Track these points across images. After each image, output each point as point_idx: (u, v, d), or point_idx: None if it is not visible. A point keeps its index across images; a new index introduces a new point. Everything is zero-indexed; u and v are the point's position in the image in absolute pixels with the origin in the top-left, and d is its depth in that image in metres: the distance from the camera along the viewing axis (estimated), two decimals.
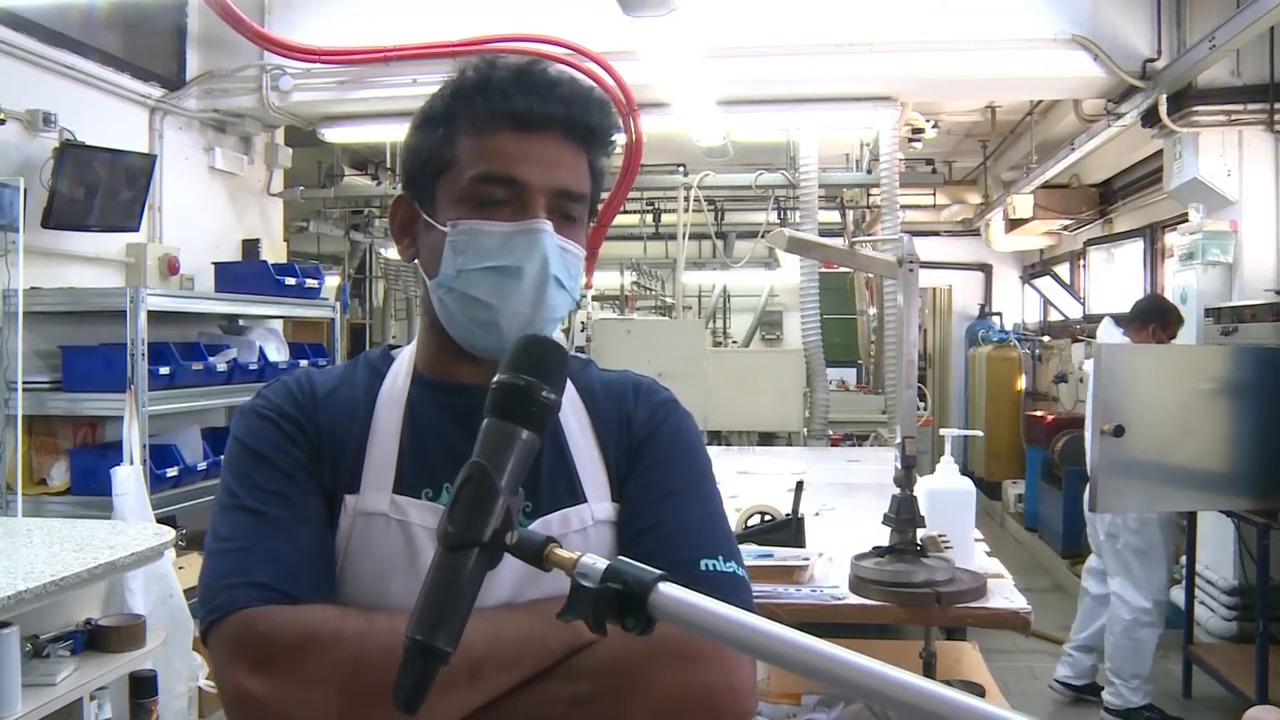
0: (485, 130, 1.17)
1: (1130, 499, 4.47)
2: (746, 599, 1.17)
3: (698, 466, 1.27)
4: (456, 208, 1.17)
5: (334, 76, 5.69)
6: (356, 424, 1.19)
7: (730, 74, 5.37)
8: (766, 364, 7.14)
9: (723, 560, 1.17)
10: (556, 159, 1.18)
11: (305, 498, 1.15)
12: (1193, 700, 4.89)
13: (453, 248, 1.17)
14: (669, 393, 1.33)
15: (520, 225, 1.15)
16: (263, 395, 1.22)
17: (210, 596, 1.09)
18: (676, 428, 1.27)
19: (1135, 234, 8.00)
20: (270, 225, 6.58)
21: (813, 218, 6.33)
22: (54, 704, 2.63)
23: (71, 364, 4.52)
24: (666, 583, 0.80)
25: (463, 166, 1.17)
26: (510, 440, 0.88)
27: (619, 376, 1.32)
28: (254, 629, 1.05)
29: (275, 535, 1.11)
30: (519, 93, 1.17)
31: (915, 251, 2.71)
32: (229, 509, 1.14)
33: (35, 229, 4.48)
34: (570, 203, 1.19)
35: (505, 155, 1.16)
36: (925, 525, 2.71)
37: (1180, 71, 4.91)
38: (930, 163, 8.79)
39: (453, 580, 0.83)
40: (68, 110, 4.69)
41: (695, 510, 1.21)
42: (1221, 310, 5.03)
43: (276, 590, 1.07)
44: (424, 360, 1.25)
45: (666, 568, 1.09)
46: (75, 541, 2.84)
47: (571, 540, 1.16)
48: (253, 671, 1.03)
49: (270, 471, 1.15)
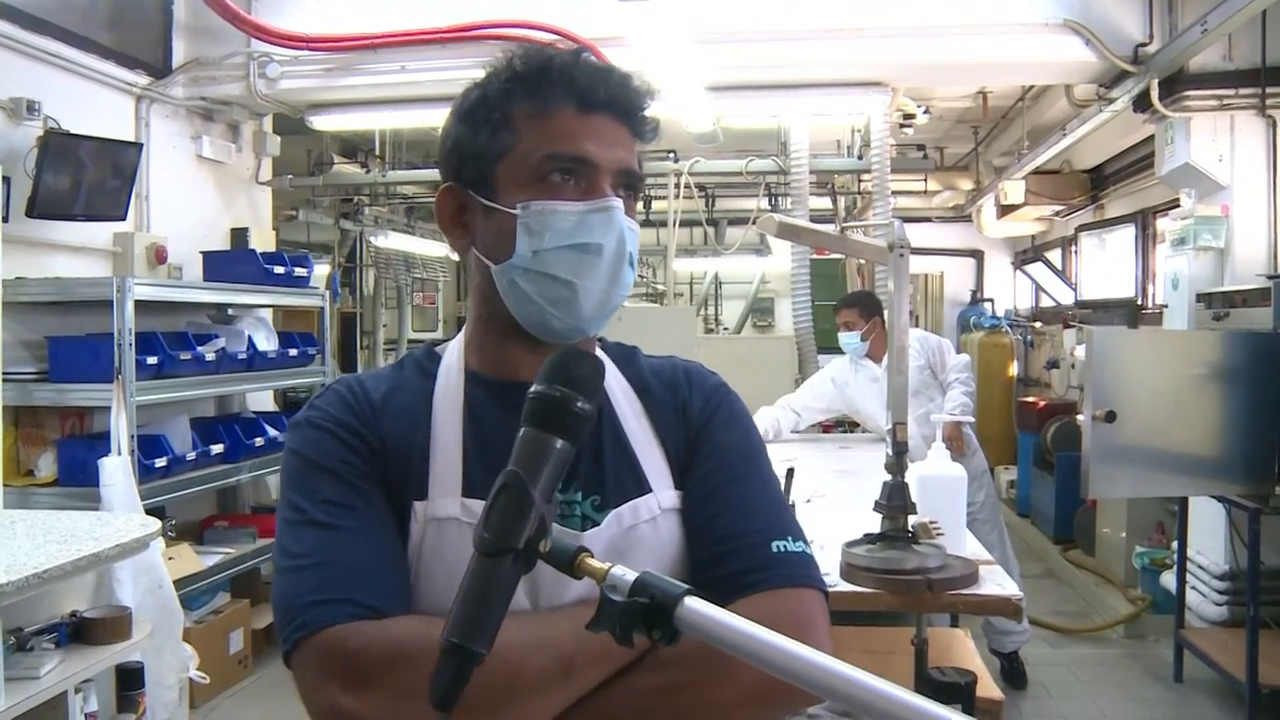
0: (550, 112, 1.17)
1: (1122, 484, 4.47)
2: (818, 576, 1.21)
3: (754, 449, 1.30)
4: (523, 190, 1.17)
5: (322, 64, 5.65)
6: (417, 429, 1.19)
7: (720, 59, 5.34)
8: (758, 351, 7.13)
9: (792, 540, 1.20)
10: (619, 140, 1.19)
11: (373, 508, 1.14)
12: (1184, 684, 4.90)
13: (526, 229, 1.17)
14: (718, 376, 1.35)
15: (595, 203, 1.17)
16: (316, 406, 1.22)
17: (292, 615, 1.08)
18: (731, 412, 1.30)
19: (1127, 219, 7.99)
20: (259, 214, 6.54)
21: (804, 204, 6.30)
22: (38, 697, 2.61)
23: (58, 354, 4.50)
24: (693, 597, 0.82)
25: (527, 149, 1.17)
26: (546, 450, 0.90)
27: (667, 364, 1.34)
28: (345, 646, 1.04)
29: (349, 548, 1.11)
30: (578, 75, 1.18)
31: (906, 237, 2.69)
32: (297, 525, 1.13)
33: (20, 218, 4.44)
34: (634, 181, 1.22)
35: (573, 135, 1.17)
36: (916, 512, 2.71)
37: (1172, 56, 4.89)
38: (921, 148, 8.77)
39: (488, 585, 0.86)
40: (52, 98, 4.64)
41: (757, 493, 1.24)
42: (1213, 295, 5.02)
43: (361, 605, 1.07)
44: (477, 357, 1.26)
45: (740, 551, 1.16)
46: (59, 533, 2.81)
47: (641, 531, 1.19)
48: (346, 689, 1.03)
49: (335, 483, 1.14)
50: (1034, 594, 5.53)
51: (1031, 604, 5.41)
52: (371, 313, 10.43)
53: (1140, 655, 5.37)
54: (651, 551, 1.19)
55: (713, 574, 1.16)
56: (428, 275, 11.52)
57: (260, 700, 4.89)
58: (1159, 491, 5.14)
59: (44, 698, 2.65)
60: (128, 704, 3.44)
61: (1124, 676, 5.08)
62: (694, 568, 1.20)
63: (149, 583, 4.01)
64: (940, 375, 5.13)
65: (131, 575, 3.89)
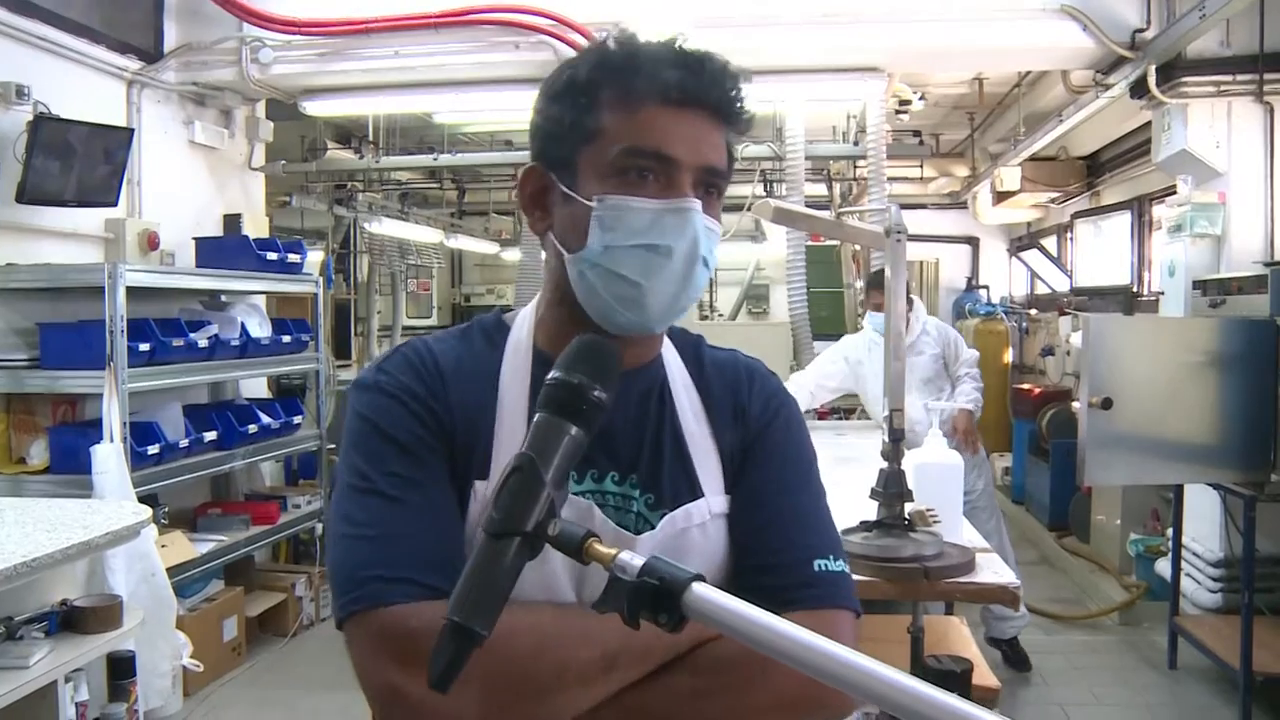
0: (635, 104, 1.14)
1: (1118, 472, 4.47)
2: (854, 598, 1.22)
3: (807, 461, 1.29)
4: (602, 182, 1.15)
5: (314, 48, 5.61)
6: (484, 405, 1.19)
7: (716, 45, 5.24)
8: (753, 337, 7.11)
9: (833, 559, 1.20)
10: (704, 136, 1.16)
11: (439, 485, 1.14)
12: (1178, 671, 4.91)
13: (600, 223, 1.15)
14: (778, 380, 1.34)
15: (671, 203, 1.14)
16: (385, 370, 1.20)
17: (352, 585, 1.08)
18: (789, 421, 1.30)
19: (1123, 206, 7.98)
20: (252, 200, 6.50)
21: (799, 190, 6.29)
22: (28, 686, 2.59)
23: (50, 341, 4.47)
24: (700, 583, 0.83)
25: (610, 139, 1.14)
26: (560, 435, 0.91)
27: (730, 358, 1.33)
28: (406, 625, 1.05)
29: (413, 525, 1.11)
30: (670, 68, 1.15)
31: (903, 222, 2.68)
32: (362, 492, 1.13)
33: (10, 204, 4.42)
34: (715, 180, 1.18)
35: (657, 130, 1.14)
36: (913, 499, 2.70)
37: (1170, 42, 4.86)
38: (917, 135, 8.74)
39: (493, 567, 0.86)
40: (43, 83, 4.61)
41: (807, 507, 1.25)
42: (1209, 282, 5.01)
43: (422, 585, 1.07)
44: (546, 336, 1.24)
45: (782, 567, 1.18)
46: (49, 521, 2.79)
47: (693, 535, 1.20)
48: (404, 669, 1.03)
49: (404, 456, 1.14)
50: (1029, 581, 5.50)
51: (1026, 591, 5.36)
52: (366, 299, 10.41)
53: (1135, 642, 5.38)
54: (701, 555, 1.19)
55: (754, 584, 1.16)
56: (422, 262, 11.49)
57: (254, 688, 4.88)
58: (1154, 479, 5.14)
59: (34, 687, 2.63)
60: (119, 693, 3.42)
61: (1118, 663, 5.08)
62: (737, 574, 1.21)
63: (142, 571, 3.99)
64: (951, 367, 5.15)
65: (124, 563, 3.87)
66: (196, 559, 4.80)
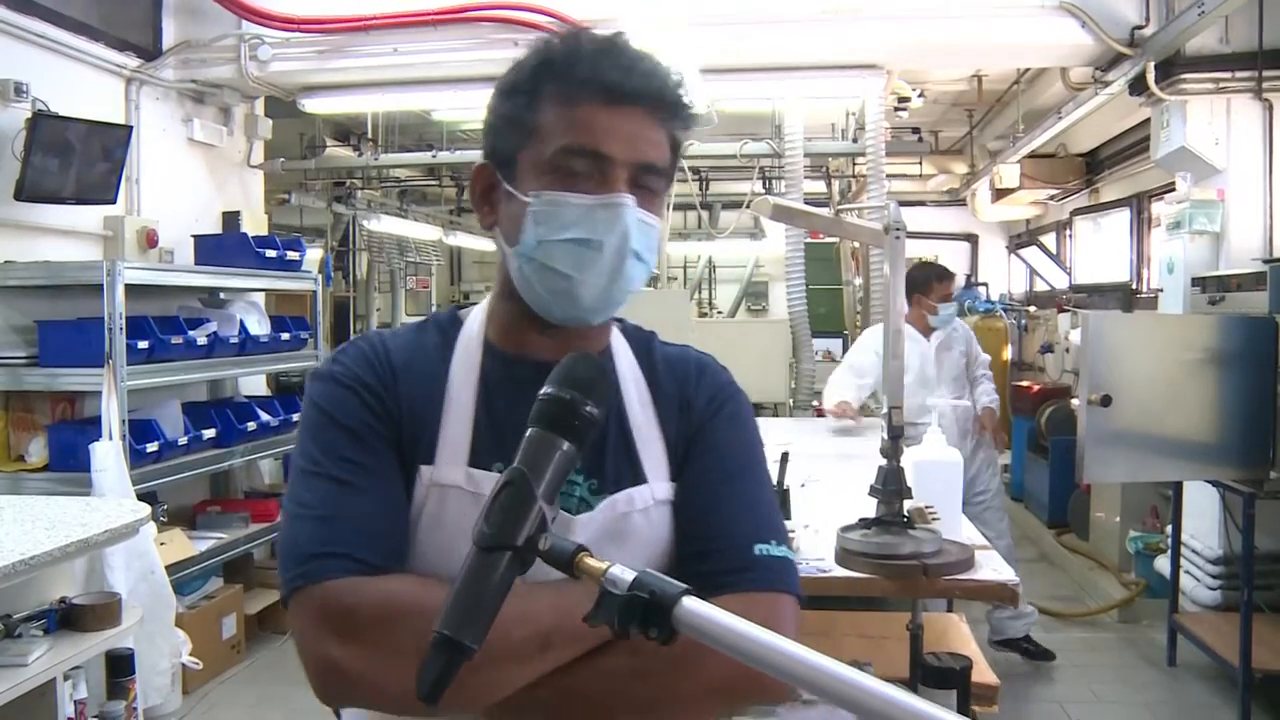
0: (572, 102, 1.17)
1: (1117, 469, 4.47)
2: (795, 582, 1.23)
3: (753, 451, 1.31)
4: (539, 179, 1.18)
5: (313, 46, 5.60)
6: (433, 396, 1.23)
7: (714, 42, 5.31)
8: (752, 335, 7.12)
9: (775, 544, 1.22)
10: (641, 133, 1.19)
11: (385, 469, 1.18)
12: (1177, 668, 4.91)
13: (534, 218, 1.18)
14: (729, 374, 1.37)
15: (602, 198, 1.17)
16: (340, 362, 1.25)
17: (295, 563, 1.13)
18: (735, 412, 1.32)
19: (1122, 203, 7.98)
20: (251, 197, 6.50)
21: (798, 187, 6.28)
22: (26, 684, 2.58)
23: (48, 339, 4.46)
24: (691, 597, 0.83)
25: (547, 137, 1.18)
26: (551, 450, 0.93)
27: (680, 353, 1.36)
28: (341, 601, 1.09)
29: (359, 506, 1.15)
30: (607, 66, 1.17)
31: (902, 219, 2.67)
32: (311, 475, 1.17)
33: (9, 201, 4.41)
34: (652, 176, 1.21)
35: (591, 128, 1.16)
36: (912, 497, 2.69)
37: (1169, 39, 4.86)
38: (916, 132, 8.75)
39: (483, 581, 0.87)
40: (41, 80, 4.60)
41: (750, 494, 1.26)
42: (1208, 280, 5.01)
43: (360, 561, 1.11)
44: (496, 330, 1.28)
45: (722, 552, 1.19)
46: (48, 519, 2.79)
47: (634, 520, 1.22)
48: (340, 642, 1.08)
49: (353, 442, 1.18)
50: (1028, 578, 5.51)
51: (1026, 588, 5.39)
52: (365, 297, 10.41)
53: (1134, 639, 5.38)
54: (642, 541, 1.22)
55: (694, 569, 1.18)
56: (421, 259, 11.50)
57: (253, 685, 4.88)
58: (1154, 476, 5.13)
59: (32, 685, 2.62)
60: (118, 691, 3.41)
61: (1117, 660, 5.08)
62: (679, 561, 1.23)
63: (141, 568, 3.99)
64: (971, 367, 5.17)
65: (123, 561, 3.87)
66: (195, 556, 4.80)
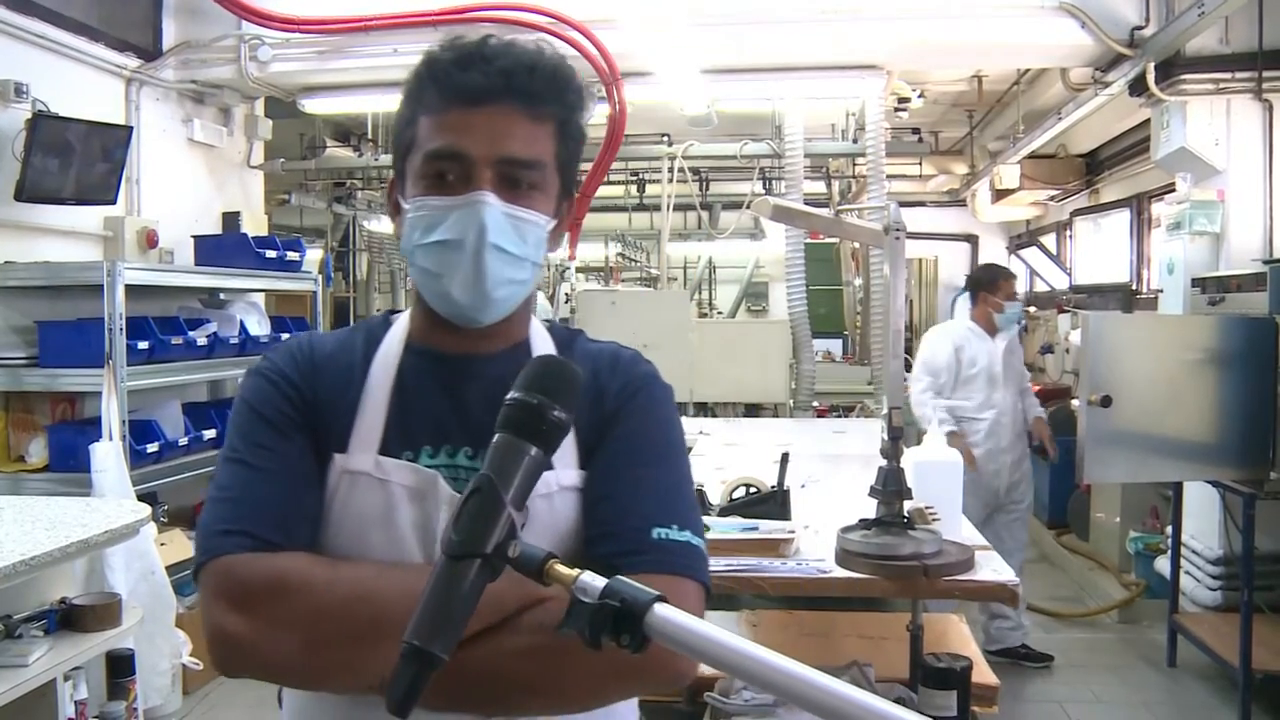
0: (439, 109, 1.22)
1: (1117, 469, 4.47)
2: (699, 567, 1.21)
3: (666, 438, 1.31)
4: (415, 185, 1.24)
5: (313, 46, 5.61)
6: (351, 388, 1.27)
7: (714, 42, 5.31)
8: (752, 335, 7.12)
9: (677, 529, 1.21)
10: (505, 130, 1.21)
11: (292, 452, 1.23)
12: (1178, 669, 4.91)
13: (410, 224, 1.24)
14: (650, 366, 1.36)
15: (460, 198, 1.21)
16: (268, 358, 1.31)
17: (201, 541, 1.19)
18: (649, 399, 1.31)
19: (1122, 204, 7.97)
20: (251, 198, 6.50)
21: (798, 188, 6.29)
22: (26, 685, 2.58)
23: (48, 339, 4.46)
24: (663, 604, 0.83)
25: (420, 146, 1.24)
26: (519, 456, 0.93)
27: (601, 348, 1.37)
28: (234, 574, 1.14)
29: (262, 486, 1.20)
30: (462, 70, 1.21)
31: (902, 219, 2.67)
32: (228, 461, 1.24)
33: (9, 202, 4.41)
34: (521, 170, 1.23)
35: (451, 130, 1.21)
36: (912, 497, 2.69)
37: (1169, 39, 4.86)
38: (916, 132, 8.75)
39: (453, 589, 0.87)
40: (41, 81, 4.60)
41: (657, 480, 1.26)
42: (1208, 280, 5.01)
43: (257, 538, 1.16)
44: (414, 328, 1.33)
45: (619, 534, 1.19)
46: (48, 520, 2.79)
47: (538, 505, 1.19)
48: (230, 612, 1.13)
49: (264, 427, 1.24)
50: (1028, 579, 5.53)
51: (1026, 589, 5.40)
52: (365, 297, 10.41)
53: (1134, 640, 5.37)
54: (545, 527, 1.22)
55: (594, 552, 1.19)
56: None
57: (253, 686, 4.83)
58: (1154, 476, 5.13)
59: (32, 685, 2.62)
60: (118, 691, 3.41)
61: (1117, 661, 5.08)
62: (585, 545, 1.23)
63: (141, 569, 3.99)
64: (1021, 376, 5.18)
65: (124, 561, 3.87)
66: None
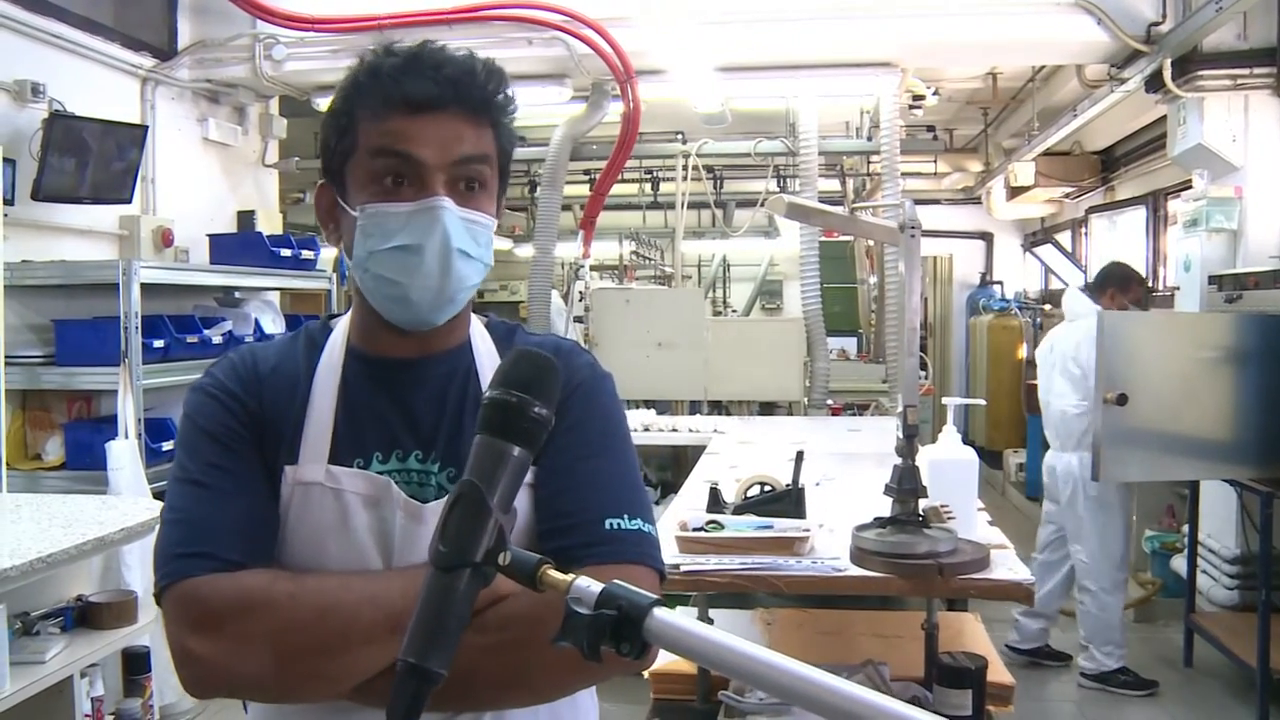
0: (383, 115, 1.22)
1: (1133, 468, 4.44)
2: (652, 554, 1.24)
3: (610, 428, 1.33)
4: (362, 192, 1.23)
5: (328, 45, 5.62)
6: (295, 399, 1.28)
7: (728, 40, 5.30)
8: (766, 333, 7.10)
9: (628, 519, 1.23)
10: (454, 135, 1.22)
11: (245, 469, 1.23)
12: (1194, 669, 4.89)
13: (362, 231, 1.24)
14: (589, 357, 1.39)
15: (419, 204, 1.21)
16: (210, 374, 1.31)
17: (162, 563, 1.19)
18: (591, 391, 1.33)
19: (1138, 201, 7.94)
20: (265, 196, 6.52)
21: (813, 186, 6.26)
22: (44, 682, 2.61)
23: (65, 338, 4.48)
24: (661, 608, 0.81)
25: (364, 151, 1.23)
26: (502, 458, 0.90)
27: (542, 340, 1.38)
28: (199, 596, 1.15)
29: (216, 506, 1.20)
30: (408, 77, 1.22)
31: (917, 217, 2.66)
32: (179, 481, 1.24)
33: (26, 201, 4.43)
34: (474, 167, 1.24)
35: (401, 137, 1.21)
36: (927, 495, 2.68)
37: (1185, 35, 4.83)
38: (931, 130, 8.70)
39: (444, 601, 0.85)
40: (57, 81, 4.63)
41: (604, 471, 1.28)
42: (1225, 277, 4.98)
43: (218, 559, 1.16)
44: (357, 334, 1.33)
45: (572, 528, 1.21)
46: (64, 518, 2.81)
47: None
48: (195, 633, 1.14)
49: (214, 446, 1.24)
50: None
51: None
52: None
53: (1150, 639, 5.35)
54: None
55: (549, 547, 1.19)
56: None
57: None
58: (1170, 475, 5.10)
59: (50, 682, 2.64)
60: (134, 688, 3.43)
61: (1134, 660, 5.04)
62: (537, 539, 1.24)
63: None
64: None
65: (140, 559, 3.88)
66: None
